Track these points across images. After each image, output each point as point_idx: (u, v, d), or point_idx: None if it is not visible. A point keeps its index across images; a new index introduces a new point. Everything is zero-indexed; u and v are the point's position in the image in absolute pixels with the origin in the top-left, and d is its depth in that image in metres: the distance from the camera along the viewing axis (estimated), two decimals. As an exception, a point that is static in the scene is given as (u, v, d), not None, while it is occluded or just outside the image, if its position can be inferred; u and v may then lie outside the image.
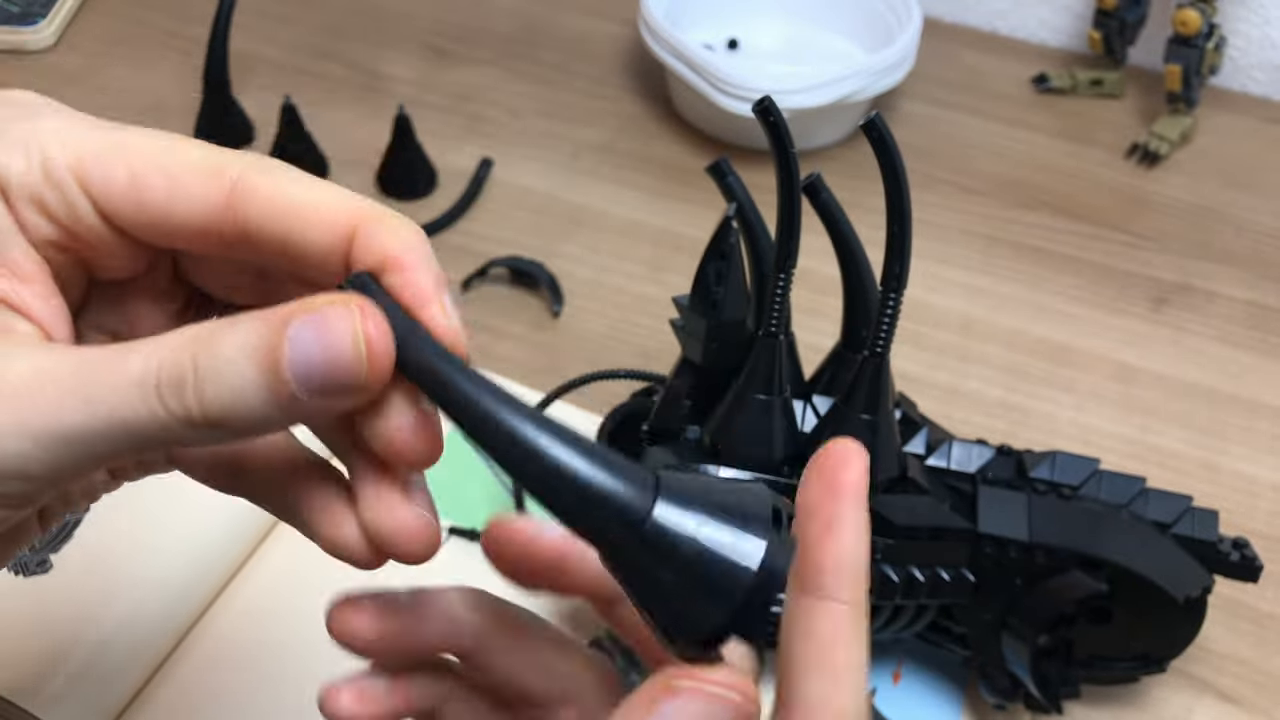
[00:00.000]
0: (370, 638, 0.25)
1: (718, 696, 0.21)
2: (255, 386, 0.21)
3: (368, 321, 0.21)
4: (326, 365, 0.21)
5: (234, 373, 0.21)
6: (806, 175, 0.38)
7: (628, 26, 0.83)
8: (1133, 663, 0.42)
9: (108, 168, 0.23)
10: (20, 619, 0.42)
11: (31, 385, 0.21)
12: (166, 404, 0.21)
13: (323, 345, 0.21)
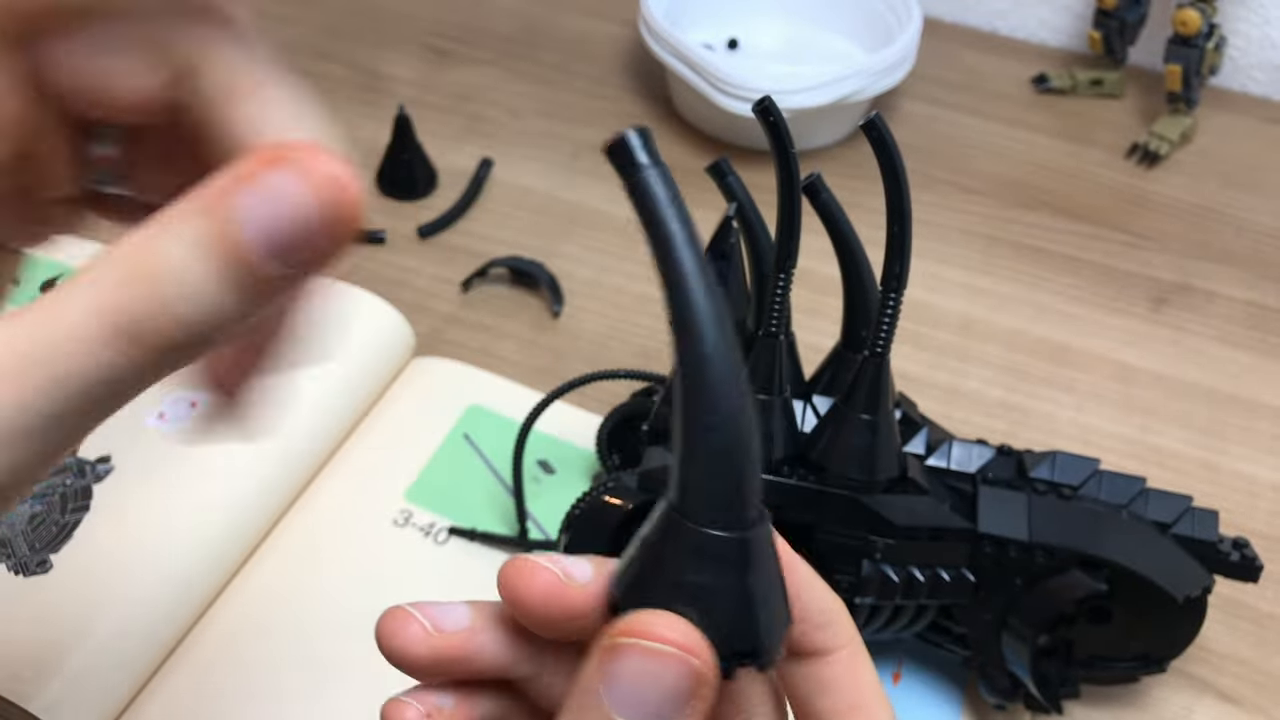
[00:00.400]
0: (423, 655, 0.23)
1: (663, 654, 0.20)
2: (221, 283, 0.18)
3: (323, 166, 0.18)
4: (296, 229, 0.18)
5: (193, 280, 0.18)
6: (806, 175, 0.38)
7: (628, 27, 0.83)
8: (1133, 663, 0.42)
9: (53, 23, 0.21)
10: (20, 619, 0.42)
11: None
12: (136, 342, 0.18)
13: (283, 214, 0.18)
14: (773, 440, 0.38)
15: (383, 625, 0.23)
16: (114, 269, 0.18)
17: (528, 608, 0.22)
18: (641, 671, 0.20)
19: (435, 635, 0.23)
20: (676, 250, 0.20)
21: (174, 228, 0.18)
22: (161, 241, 0.18)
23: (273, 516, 0.48)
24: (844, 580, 0.39)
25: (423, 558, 0.48)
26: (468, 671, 0.23)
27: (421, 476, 0.51)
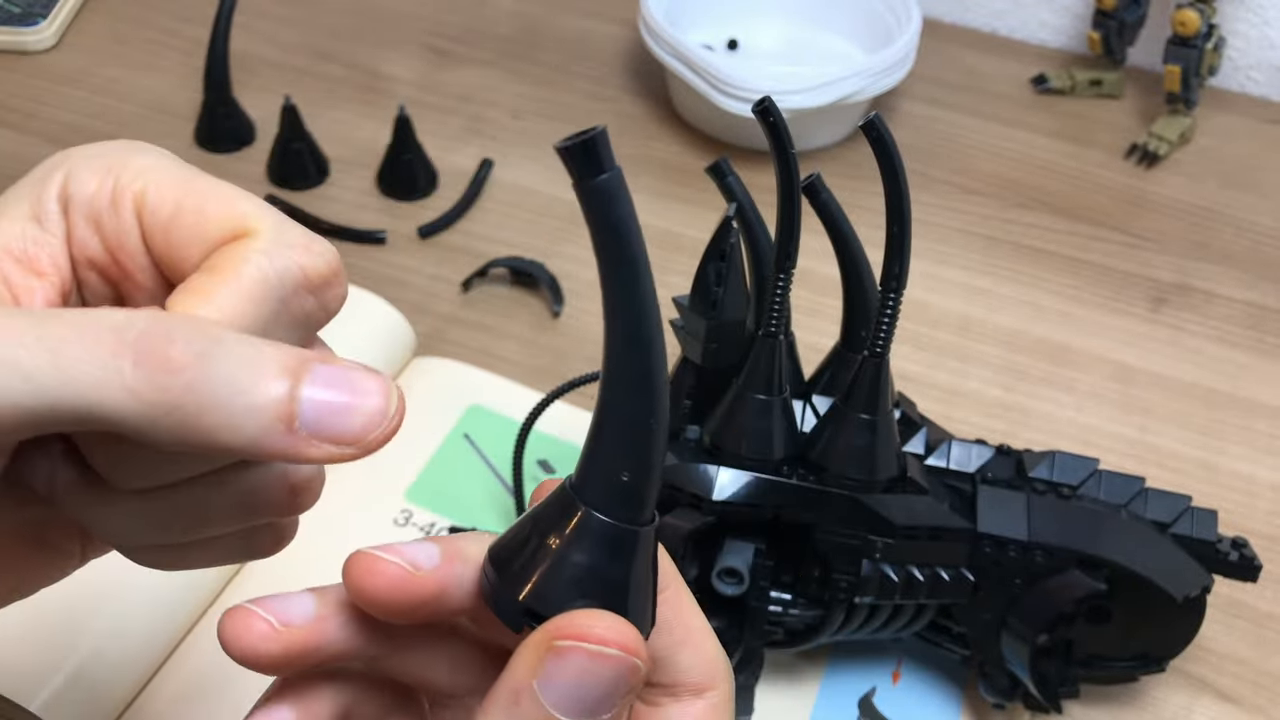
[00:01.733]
0: (274, 652, 0.23)
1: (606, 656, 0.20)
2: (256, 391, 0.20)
3: (393, 392, 0.21)
4: (347, 414, 0.21)
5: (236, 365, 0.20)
6: (806, 175, 0.38)
7: (628, 27, 0.84)
8: (1132, 662, 0.42)
9: (162, 198, 0.23)
10: (21, 619, 0.42)
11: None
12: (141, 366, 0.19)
13: (348, 396, 0.21)
14: (772, 440, 0.38)
15: (225, 628, 0.23)
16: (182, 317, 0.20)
17: (376, 603, 0.23)
18: (584, 671, 0.20)
19: (283, 630, 0.23)
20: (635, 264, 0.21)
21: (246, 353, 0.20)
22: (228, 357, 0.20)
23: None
24: (844, 580, 0.39)
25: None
26: (318, 660, 0.23)
27: (422, 476, 0.51)
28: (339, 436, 0.20)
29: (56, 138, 0.70)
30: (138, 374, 0.19)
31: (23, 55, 0.77)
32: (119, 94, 0.75)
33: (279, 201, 0.66)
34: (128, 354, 0.19)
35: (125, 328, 0.19)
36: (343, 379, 0.21)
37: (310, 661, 0.23)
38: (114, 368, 0.19)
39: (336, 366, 0.21)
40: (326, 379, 0.20)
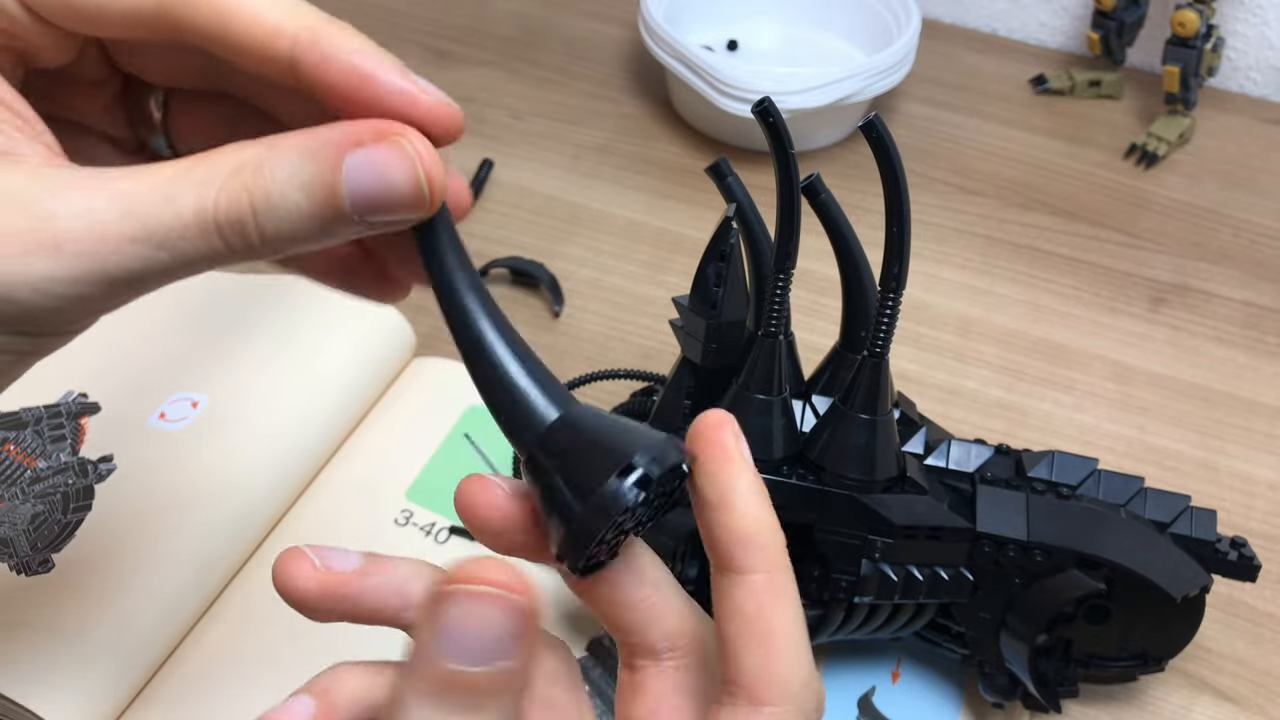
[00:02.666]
0: (311, 590, 0.25)
1: (486, 595, 0.20)
2: (313, 217, 0.22)
3: (421, 152, 0.22)
4: (388, 199, 0.22)
5: (291, 206, 0.22)
6: (806, 176, 0.39)
7: (628, 28, 0.84)
8: (1131, 661, 0.42)
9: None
10: (22, 618, 0.42)
11: (89, 232, 0.21)
12: (228, 241, 0.22)
13: (382, 183, 0.22)
14: (772, 440, 0.39)
15: (277, 563, 0.24)
16: (227, 167, 0.22)
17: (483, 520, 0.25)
18: (468, 614, 0.20)
19: (323, 572, 0.25)
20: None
21: (286, 159, 0.22)
22: (272, 166, 0.22)
23: (274, 516, 0.48)
24: (843, 579, 0.39)
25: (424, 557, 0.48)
26: (357, 610, 0.25)
27: (422, 476, 0.51)
28: (391, 199, 0.22)
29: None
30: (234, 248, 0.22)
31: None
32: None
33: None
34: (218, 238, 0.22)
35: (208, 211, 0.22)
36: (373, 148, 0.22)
37: (345, 609, 0.25)
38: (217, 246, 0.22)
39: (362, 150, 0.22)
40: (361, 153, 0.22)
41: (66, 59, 0.26)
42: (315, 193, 0.22)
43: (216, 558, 0.46)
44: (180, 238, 0.21)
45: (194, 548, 0.45)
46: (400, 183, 0.22)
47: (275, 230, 0.22)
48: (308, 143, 0.22)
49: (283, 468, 0.49)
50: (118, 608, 0.43)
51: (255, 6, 0.23)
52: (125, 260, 0.21)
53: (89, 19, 0.24)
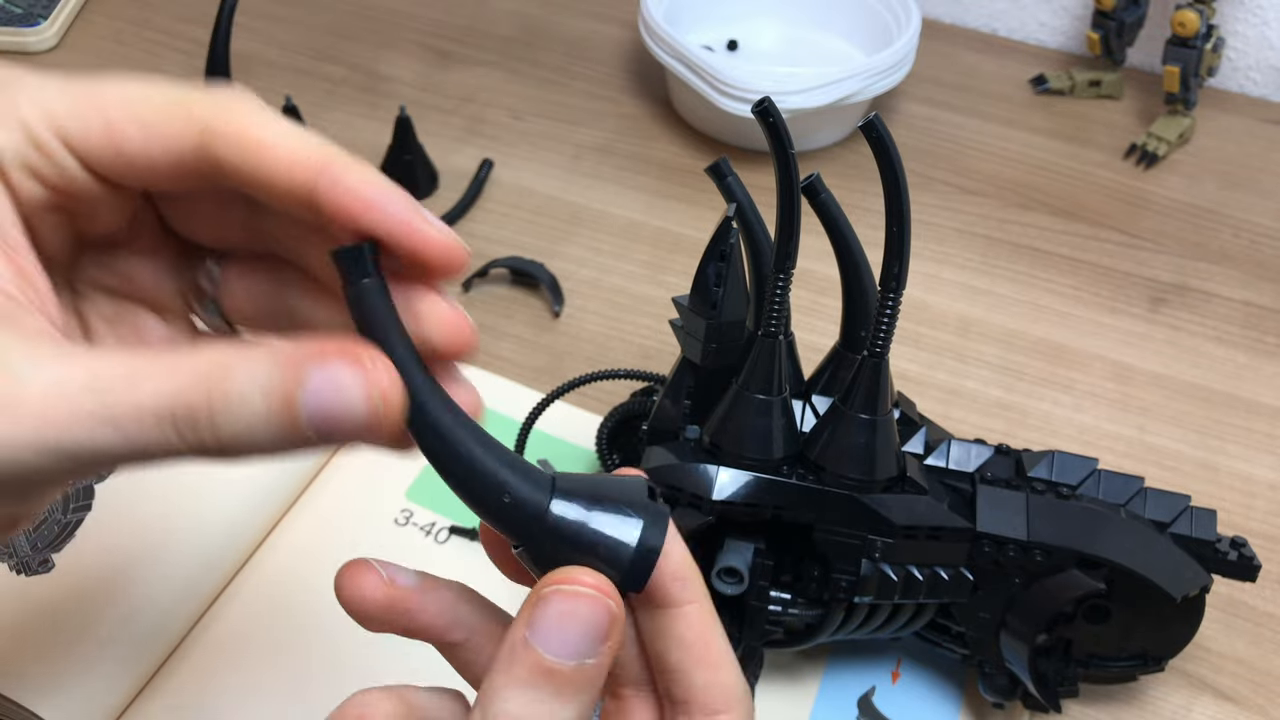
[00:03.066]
0: (378, 601, 0.26)
1: (581, 595, 0.23)
2: (267, 425, 0.22)
3: (382, 379, 0.22)
4: (343, 419, 0.22)
5: (248, 411, 0.22)
6: (806, 176, 0.39)
7: (628, 28, 0.84)
8: (1131, 661, 0.42)
9: (85, 122, 0.24)
10: (22, 618, 0.42)
11: (50, 401, 0.22)
12: (181, 434, 0.22)
13: (339, 402, 0.22)
14: (772, 440, 0.39)
15: (342, 574, 0.26)
16: (194, 369, 0.22)
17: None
18: (563, 613, 0.23)
19: (390, 585, 0.26)
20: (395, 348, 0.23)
21: (251, 364, 0.22)
22: (237, 370, 0.22)
23: (274, 516, 0.48)
24: (843, 579, 0.39)
25: (424, 557, 0.48)
26: (411, 625, 0.26)
27: (422, 476, 0.51)
28: (345, 423, 0.22)
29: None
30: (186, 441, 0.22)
31: (24, 56, 0.77)
32: (120, 94, 0.75)
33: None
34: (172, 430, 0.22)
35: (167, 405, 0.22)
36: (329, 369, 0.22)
37: (403, 623, 0.26)
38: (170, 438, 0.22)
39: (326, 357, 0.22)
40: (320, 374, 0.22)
41: (119, 222, 0.27)
42: (274, 400, 0.22)
43: (216, 557, 0.46)
44: (135, 421, 0.22)
45: (194, 547, 0.45)
46: (356, 402, 0.22)
47: (230, 431, 0.22)
48: (277, 351, 0.22)
49: (283, 467, 0.49)
50: (118, 608, 0.43)
51: (282, 140, 0.24)
52: (79, 435, 0.21)
53: (136, 166, 0.24)
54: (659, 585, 0.26)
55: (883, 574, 0.39)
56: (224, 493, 0.47)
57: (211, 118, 0.24)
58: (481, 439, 0.24)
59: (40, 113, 0.24)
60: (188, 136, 0.24)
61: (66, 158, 0.24)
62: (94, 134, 0.24)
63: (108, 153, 0.24)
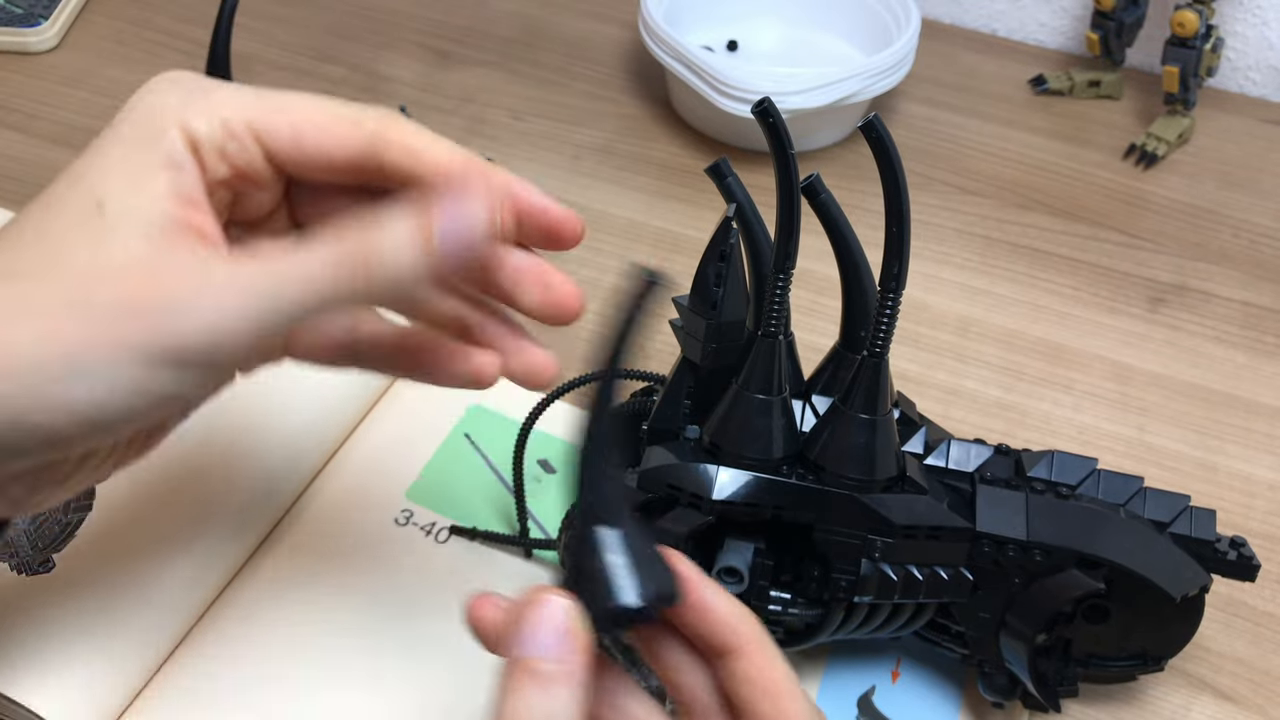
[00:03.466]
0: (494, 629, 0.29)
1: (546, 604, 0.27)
2: (409, 249, 0.28)
3: (495, 198, 0.29)
4: (469, 227, 0.28)
5: (393, 240, 0.28)
6: (805, 176, 0.39)
7: (628, 29, 0.84)
8: (1130, 661, 0.43)
9: (273, 121, 0.31)
10: (23, 617, 0.42)
11: (244, 275, 0.28)
12: (341, 272, 0.28)
13: (463, 213, 0.28)
14: (772, 440, 0.39)
15: (470, 603, 0.30)
16: (349, 236, 0.28)
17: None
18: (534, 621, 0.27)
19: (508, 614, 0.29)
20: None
21: (397, 220, 0.28)
22: (387, 227, 0.28)
23: (275, 516, 0.48)
24: (843, 579, 0.39)
25: (424, 557, 0.48)
26: None
27: (422, 476, 0.51)
28: (468, 237, 0.28)
29: (59, 139, 0.70)
30: (342, 277, 0.28)
31: (25, 56, 0.77)
32: (121, 95, 0.74)
33: (280, 202, 0.66)
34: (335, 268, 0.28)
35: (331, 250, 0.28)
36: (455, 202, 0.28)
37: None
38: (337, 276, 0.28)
39: (448, 198, 0.28)
40: (444, 205, 0.28)
41: (269, 206, 0.34)
42: (417, 241, 0.28)
43: (217, 557, 0.46)
44: (320, 268, 0.28)
45: (194, 546, 0.45)
46: (475, 226, 0.28)
47: (388, 274, 0.28)
48: (414, 207, 0.28)
49: (284, 467, 0.49)
50: (118, 608, 0.43)
51: (437, 146, 0.32)
52: (269, 287, 0.28)
53: (310, 159, 0.31)
54: (717, 635, 0.30)
55: (882, 574, 0.39)
56: (224, 492, 0.47)
57: (382, 128, 0.31)
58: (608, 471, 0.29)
59: (236, 111, 0.31)
60: (357, 140, 0.31)
61: (253, 146, 0.31)
62: (281, 131, 0.31)
63: (289, 147, 0.31)
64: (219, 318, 0.27)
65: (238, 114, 0.31)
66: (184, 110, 0.30)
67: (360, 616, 0.45)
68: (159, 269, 0.28)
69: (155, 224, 0.29)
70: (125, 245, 0.28)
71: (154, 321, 0.27)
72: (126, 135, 0.30)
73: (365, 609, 0.46)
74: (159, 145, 0.30)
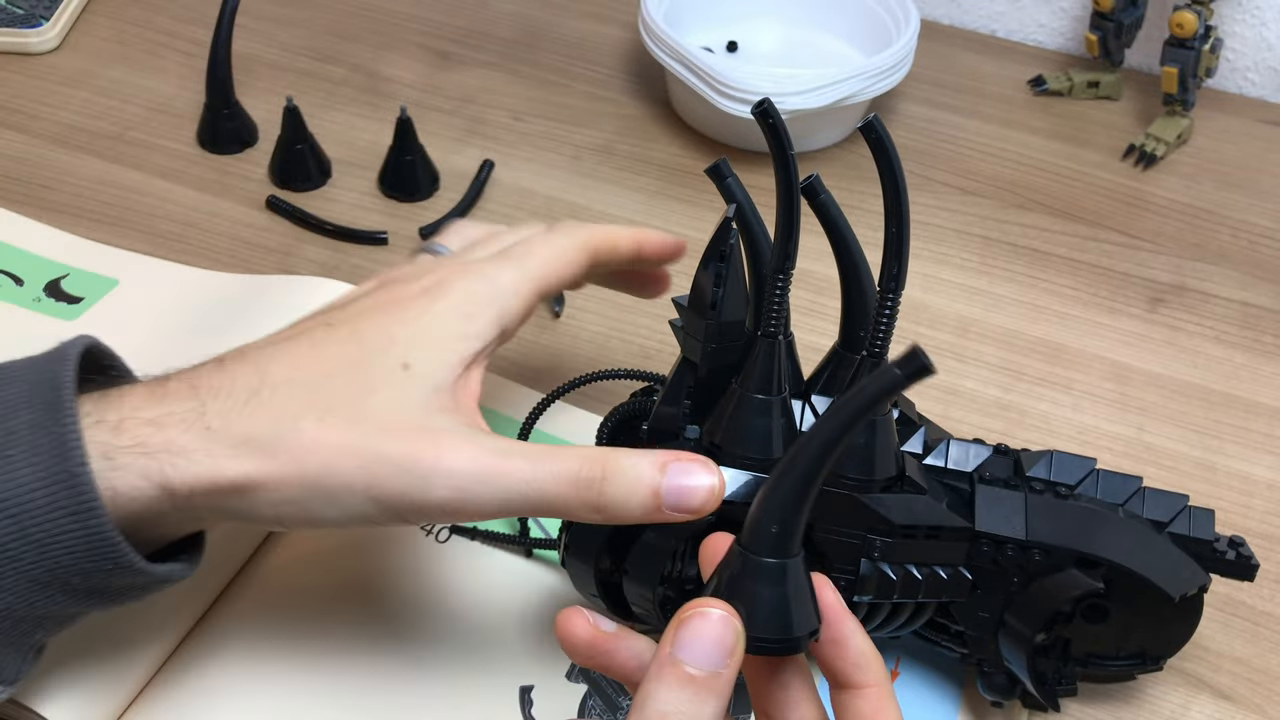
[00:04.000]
0: (584, 639, 0.32)
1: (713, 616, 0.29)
2: (637, 497, 0.34)
3: (718, 480, 0.35)
4: (688, 500, 0.34)
5: (626, 481, 0.34)
6: (805, 176, 0.39)
7: (628, 29, 0.84)
8: (1129, 661, 0.43)
9: (544, 284, 0.42)
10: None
11: (498, 455, 0.35)
12: (579, 491, 0.34)
13: (689, 487, 0.34)
14: (772, 440, 0.39)
15: (560, 616, 0.32)
16: (592, 455, 0.35)
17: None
18: (698, 630, 0.29)
19: (594, 629, 0.32)
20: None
21: (633, 455, 0.35)
22: (624, 457, 0.35)
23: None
24: (842, 578, 0.39)
25: (424, 556, 0.48)
26: (609, 664, 0.32)
27: (423, 476, 0.51)
28: (687, 508, 0.35)
29: (60, 139, 0.70)
30: (579, 498, 0.35)
31: (26, 57, 0.77)
32: (122, 95, 0.75)
33: (281, 203, 0.66)
34: (572, 489, 0.35)
35: (575, 471, 0.35)
36: (686, 471, 0.35)
37: (603, 662, 0.32)
38: (568, 495, 0.35)
39: (683, 463, 0.35)
40: (677, 471, 0.34)
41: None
42: (645, 478, 0.34)
43: (218, 557, 0.46)
44: (551, 476, 0.34)
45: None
46: (702, 491, 0.34)
47: (612, 494, 0.34)
48: (652, 454, 0.35)
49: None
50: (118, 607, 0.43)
51: (625, 232, 0.46)
52: (513, 481, 0.34)
53: (556, 288, 0.43)
54: (842, 670, 0.32)
55: (882, 573, 0.39)
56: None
57: (595, 245, 0.44)
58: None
59: (535, 283, 0.41)
60: (584, 261, 0.43)
61: (528, 306, 0.41)
62: (546, 289, 0.42)
63: (550, 290, 0.42)
64: (470, 486, 0.34)
65: (535, 286, 0.41)
66: (510, 302, 0.40)
67: (360, 616, 0.45)
68: (438, 431, 0.35)
69: (444, 388, 0.36)
70: (416, 402, 0.36)
71: (420, 480, 0.34)
72: (441, 313, 0.38)
73: (365, 608, 0.46)
74: (470, 329, 0.38)
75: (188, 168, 0.69)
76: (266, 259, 0.63)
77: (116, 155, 0.70)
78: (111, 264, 0.61)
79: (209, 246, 0.64)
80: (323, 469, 0.34)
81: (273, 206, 0.66)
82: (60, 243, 0.62)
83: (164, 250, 0.63)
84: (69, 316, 0.57)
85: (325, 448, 0.34)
